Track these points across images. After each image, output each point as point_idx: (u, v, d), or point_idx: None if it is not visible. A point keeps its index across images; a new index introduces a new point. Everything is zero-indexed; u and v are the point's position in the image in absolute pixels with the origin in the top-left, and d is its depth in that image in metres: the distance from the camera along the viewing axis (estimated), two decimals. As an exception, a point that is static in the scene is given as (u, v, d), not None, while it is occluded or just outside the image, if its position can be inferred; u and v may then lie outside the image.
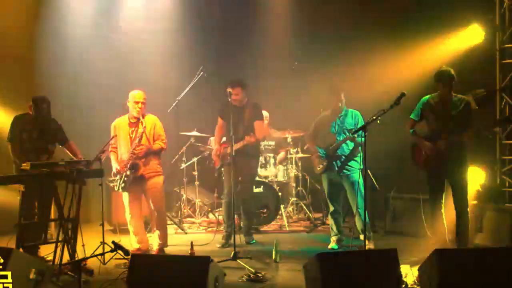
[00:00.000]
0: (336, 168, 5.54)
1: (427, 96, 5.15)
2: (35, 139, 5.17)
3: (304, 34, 7.94)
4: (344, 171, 5.52)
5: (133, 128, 5.42)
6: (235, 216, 5.82)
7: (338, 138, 5.50)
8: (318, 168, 5.64)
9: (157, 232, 5.46)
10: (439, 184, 5.10)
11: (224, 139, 6.06)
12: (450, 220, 5.15)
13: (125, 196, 5.47)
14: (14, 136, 5.17)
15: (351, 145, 5.48)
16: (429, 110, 5.09)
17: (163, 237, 5.49)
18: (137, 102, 5.34)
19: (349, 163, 5.50)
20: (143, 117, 5.39)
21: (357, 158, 5.50)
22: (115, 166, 5.41)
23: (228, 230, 5.83)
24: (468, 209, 5.03)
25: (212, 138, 6.92)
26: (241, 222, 6.21)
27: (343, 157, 5.50)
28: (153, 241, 5.54)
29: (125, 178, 5.32)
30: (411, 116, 5.21)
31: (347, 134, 5.45)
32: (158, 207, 5.45)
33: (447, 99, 4.98)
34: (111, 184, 5.49)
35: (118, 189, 5.39)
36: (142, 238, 5.53)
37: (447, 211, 5.13)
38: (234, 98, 5.55)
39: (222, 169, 5.96)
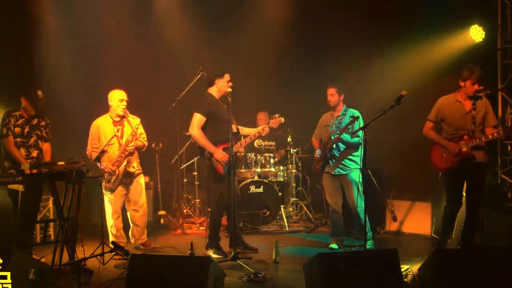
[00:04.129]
0: (332, 167, 5.54)
1: (444, 97, 5.02)
2: (26, 135, 5.15)
3: (305, 35, 7.93)
4: (340, 170, 5.51)
5: (118, 127, 5.50)
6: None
7: (332, 137, 5.50)
8: (317, 167, 5.66)
9: (134, 227, 5.60)
10: (458, 185, 4.97)
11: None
12: (457, 221, 5.16)
13: (110, 196, 5.50)
14: (8, 131, 5.09)
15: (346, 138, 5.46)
16: (447, 111, 4.95)
17: (142, 231, 5.63)
18: (121, 100, 5.46)
19: (345, 162, 5.49)
20: (126, 116, 5.48)
21: (355, 158, 5.49)
22: (104, 165, 5.41)
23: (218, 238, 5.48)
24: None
25: None
26: (228, 232, 5.65)
27: (338, 156, 5.51)
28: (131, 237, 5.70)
29: (117, 177, 5.42)
30: (428, 118, 5.07)
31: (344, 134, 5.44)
32: (141, 205, 5.61)
33: (467, 99, 4.86)
34: (103, 187, 5.46)
35: (110, 189, 5.43)
36: (121, 239, 5.60)
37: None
38: (231, 85, 5.25)
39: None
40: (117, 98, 5.46)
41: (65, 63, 7.29)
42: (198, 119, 5.19)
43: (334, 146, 5.49)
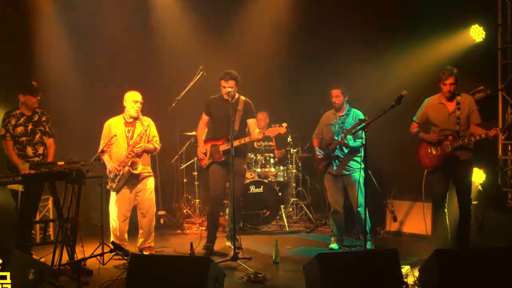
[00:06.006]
0: (335, 168, 5.53)
1: (429, 98, 5.12)
2: (30, 132, 5.17)
3: (306, 35, 7.93)
4: (344, 171, 5.51)
5: (129, 128, 5.40)
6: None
7: (336, 138, 5.49)
8: (319, 167, 5.65)
9: (140, 231, 5.41)
10: (443, 185, 5.06)
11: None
12: (451, 221, 5.15)
13: (115, 197, 5.35)
14: (6, 133, 5.09)
15: (349, 143, 5.45)
16: (431, 114, 5.06)
17: (148, 235, 5.42)
18: (136, 102, 5.35)
19: (348, 163, 5.50)
20: (139, 118, 5.38)
21: (358, 158, 5.49)
22: (111, 164, 5.30)
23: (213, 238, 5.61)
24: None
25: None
26: (226, 227, 5.89)
27: (341, 157, 5.50)
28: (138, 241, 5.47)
29: (121, 177, 5.28)
30: (414, 119, 5.19)
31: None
32: (147, 209, 5.39)
33: (451, 99, 4.95)
34: (107, 187, 5.38)
35: (114, 189, 5.33)
36: (122, 243, 5.36)
37: (449, 211, 5.12)
38: (227, 91, 5.36)
39: (209, 168, 5.59)
40: (131, 99, 5.36)
41: (64, 64, 7.28)
42: (202, 117, 5.71)
43: (337, 147, 5.49)
